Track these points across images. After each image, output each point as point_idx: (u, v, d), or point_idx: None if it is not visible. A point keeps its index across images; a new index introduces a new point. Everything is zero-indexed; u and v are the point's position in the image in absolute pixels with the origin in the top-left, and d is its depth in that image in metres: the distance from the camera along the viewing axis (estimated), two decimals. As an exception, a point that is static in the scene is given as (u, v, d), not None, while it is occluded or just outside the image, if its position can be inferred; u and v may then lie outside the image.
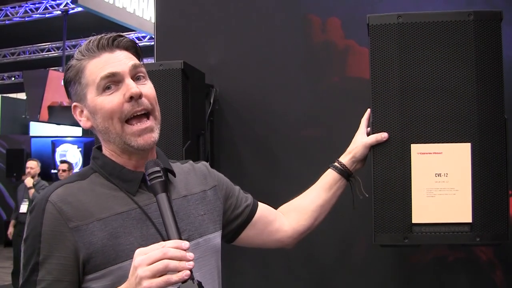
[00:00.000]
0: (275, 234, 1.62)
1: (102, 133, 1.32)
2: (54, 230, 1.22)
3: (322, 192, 1.65)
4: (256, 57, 2.28)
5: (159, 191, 1.22)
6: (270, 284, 2.24)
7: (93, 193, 1.28)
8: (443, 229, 1.47)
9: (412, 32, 1.52)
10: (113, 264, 1.22)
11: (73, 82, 1.33)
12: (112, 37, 1.32)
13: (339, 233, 2.04)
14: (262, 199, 1.67)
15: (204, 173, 1.51)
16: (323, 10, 2.18)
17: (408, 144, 1.50)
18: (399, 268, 2.07)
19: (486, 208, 1.46)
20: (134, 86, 1.27)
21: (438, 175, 1.48)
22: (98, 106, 1.29)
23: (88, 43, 1.31)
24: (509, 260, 1.93)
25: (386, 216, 1.51)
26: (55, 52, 14.00)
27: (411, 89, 1.51)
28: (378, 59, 1.54)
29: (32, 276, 1.21)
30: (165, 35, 2.42)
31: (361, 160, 1.62)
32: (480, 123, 1.48)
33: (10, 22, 11.93)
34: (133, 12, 9.92)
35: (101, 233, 1.23)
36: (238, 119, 2.29)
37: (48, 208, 1.23)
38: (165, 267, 1.07)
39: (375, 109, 1.55)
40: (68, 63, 1.34)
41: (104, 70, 1.28)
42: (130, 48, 1.35)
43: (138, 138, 1.29)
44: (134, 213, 1.28)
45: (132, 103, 1.27)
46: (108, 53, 1.30)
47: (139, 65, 1.33)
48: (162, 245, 1.10)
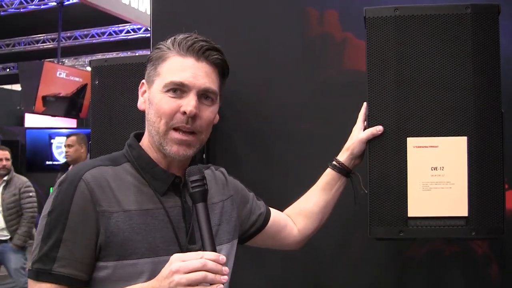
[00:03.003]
0: (285, 240, 1.67)
1: (149, 123, 1.33)
2: (83, 210, 1.22)
3: (324, 193, 1.67)
4: (253, 50, 2.26)
5: (199, 200, 1.24)
6: (266, 277, 2.24)
7: (123, 183, 1.29)
8: (438, 223, 1.47)
9: (409, 25, 1.51)
10: (128, 259, 1.23)
11: (152, 63, 1.34)
12: (206, 46, 1.31)
13: (335, 227, 2.04)
14: (259, 193, 1.68)
15: (223, 182, 1.52)
16: (320, 2, 2.17)
17: (404, 137, 1.49)
18: (395, 262, 2.07)
19: (482, 202, 1.45)
20: (193, 105, 1.27)
21: (434, 169, 1.47)
22: (156, 100, 1.30)
23: (183, 40, 1.31)
24: (505, 254, 1.93)
25: (382, 209, 1.51)
26: (50, 44, 13.91)
27: (408, 82, 1.50)
28: (375, 52, 1.53)
29: (52, 252, 1.20)
30: (161, 27, 2.39)
31: (359, 156, 1.62)
32: (476, 117, 1.47)
33: (5, 13, 11.85)
34: (129, 3, 9.87)
35: (124, 225, 1.24)
36: (235, 112, 2.28)
37: (81, 186, 1.23)
38: (203, 279, 1.09)
39: (371, 103, 1.54)
40: (159, 43, 1.35)
41: (177, 75, 1.28)
42: (218, 66, 1.34)
43: (174, 146, 1.29)
44: (157, 213, 1.29)
45: (185, 117, 1.27)
46: (194, 59, 1.30)
47: (212, 90, 1.32)
48: (200, 255, 1.12)
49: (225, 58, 1.36)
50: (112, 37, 13.31)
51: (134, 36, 13.13)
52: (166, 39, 1.36)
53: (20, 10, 11.62)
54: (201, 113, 1.30)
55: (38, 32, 13.76)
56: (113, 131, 2.03)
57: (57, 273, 1.19)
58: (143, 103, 1.36)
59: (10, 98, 12.75)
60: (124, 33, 13.22)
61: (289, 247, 1.70)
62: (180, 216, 1.31)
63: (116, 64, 2.08)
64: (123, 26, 12.94)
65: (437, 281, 1.99)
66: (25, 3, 11.49)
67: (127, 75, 2.03)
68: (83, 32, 13.43)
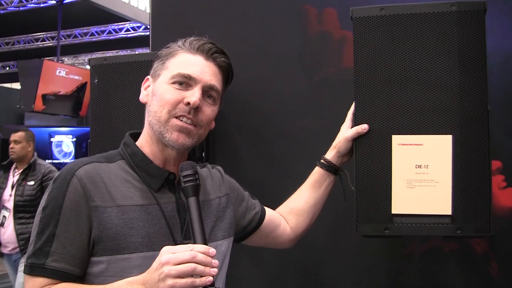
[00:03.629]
0: (279, 238, 1.68)
1: (150, 114, 1.36)
2: (76, 205, 1.24)
3: (313, 191, 1.69)
4: (252, 48, 2.26)
5: (191, 194, 1.25)
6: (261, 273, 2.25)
7: (117, 179, 1.31)
8: (424, 220, 1.47)
9: (394, 24, 1.51)
10: (121, 253, 1.24)
11: (160, 59, 1.38)
12: (215, 49, 1.37)
13: (330, 224, 2.04)
14: (258, 190, 1.69)
15: (219, 180, 1.54)
16: (319, 1, 2.17)
17: (389, 135, 1.50)
18: (392, 260, 2.07)
19: (467, 201, 1.45)
20: (197, 97, 1.31)
21: (418, 167, 1.47)
22: (160, 90, 1.33)
23: (194, 40, 1.37)
24: (504, 252, 1.92)
25: (368, 206, 1.51)
26: (50, 42, 13.94)
27: (394, 80, 1.51)
28: (362, 51, 1.54)
29: (46, 247, 1.22)
30: (160, 25, 2.40)
31: (346, 153, 1.63)
32: (461, 115, 1.46)
33: (4, 12, 11.86)
34: (128, 2, 9.89)
35: (117, 220, 1.26)
36: (234, 110, 2.29)
37: (74, 182, 1.26)
38: (192, 270, 1.10)
39: (358, 101, 1.55)
40: (168, 44, 1.41)
41: (186, 68, 1.33)
42: (223, 69, 1.39)
43: (174, 133, 1.31)
44: (151, 209, 1.31)
45: (188, 107, 1.30)
46: (203, 58, 1.36)
47: (216, 89, 1.36)
48: (190, 248, 1.13)
49: (231, 63, 1.41)
50: (111, 35, 13.33)
51: (134, 34, 13.14)
52: (177, 41, 1.40)
53: (19, 8, 11.63)
54: (203, 108, 1.33)
55: (38, 31, 13.78)
56: (112, 129, 2.03)
57: (50, 267, 1.21)
58: (146, 96, 1.39)
59: (10, 96, 12.78)
60: (123, 31, 13.23)
61: (283, 245, 1.71)
62: (175, 212, 1.33)
63: (115, 63, 2.08)
64: (123, 24, 12.96)
65: (435, 278, 1.99)
66: (24, 2, 11.50)
67: (126, 73, 2.04)
68: (82, 30, 13.45)
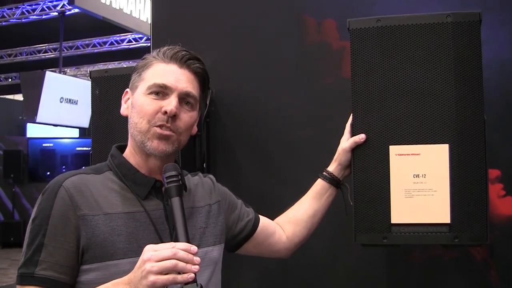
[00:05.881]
0: (274, 246, 1.69)
1: (131, 126, 1.39)
2: (63, 215, 1.27)
3: (313, 201, 1.71)
4: (252, 58, 2.29)
5: (174, 194, 1.27)
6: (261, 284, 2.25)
7: (105, 189, 1.34)
8: (421, 230, 1.48)
9: (391, 35, 1.53)
10: (110, 260, 1.27)
11: (137, 72, 1.42)
12: (188, 56, 1.40)
13: (332, 233, 2.04)
14: (258, 200, 1.70)
15: (210, 188, 1.56)
16: (318, 11, 2.20)
17: (386, 145, 1.51)
18: (393, 268, 2.07)
19: (465, 209, 1.46)
20: (173, 105, 1.34)
21: (416, 176, 1.49)
22: (139, 102, 1.37)
23: (167, 49, 1.40)
24: (504, 260, 1.93)
25: (366, 216, 1.53)
26: (52, 54, 13.98)
27: (391, 91, 1.53)
28: (359, 62, 1.56)
29: (35, 256, 1.25)
30: (161, 36, 2.43)
31: (347, 165, 1.64)
32: (458, 124, 1.48)
33: (6, 24, 11.91)
34: (130, 13, 9.92)
35: (105, 227, 1.28)
36: (234, 120, 2.31)
37: (61, 192, 1.29)
38: (173, 266, 1.12)
39: (355, 112, 1.57)
40: (144, 55, 1.44)
41: (161, 78, 1.36)
42: (198, 75, 1.41)
43: (154, 141, 1.34)
44: (139, 216, 1.33)
45: (165, 116, 1.33)
46: (177, 66, 1.38)
47: (192, 95, 1.39)
48: (172, 245, 1.16)
49: (206, 68, 1.43)
50: (113, 46, 13.35)
51: (136, 45, 13.17)
52: (152, 51, 1.43)
53: (21, 20, 11.69)
54: (181, 115, 1.36)
55: (40, 42, 13.82)
56: (113, 140, 2.03)
57: (39, 276, 1.23)
58: (126, 109, 1.43)
59: (12, 108, 12.83)
60: (125, 43, 13.26)
61: (279, 254, 1.72)
62: (163, 218, 1.36)
63: (116, 75, 2.11)
64: (125, 36, 12.99)
65: (437, 287, 2.00)
66: (26, 14, 11.55)
67: (127, 85, 2.04)
68: (84, 41, 13.48)
